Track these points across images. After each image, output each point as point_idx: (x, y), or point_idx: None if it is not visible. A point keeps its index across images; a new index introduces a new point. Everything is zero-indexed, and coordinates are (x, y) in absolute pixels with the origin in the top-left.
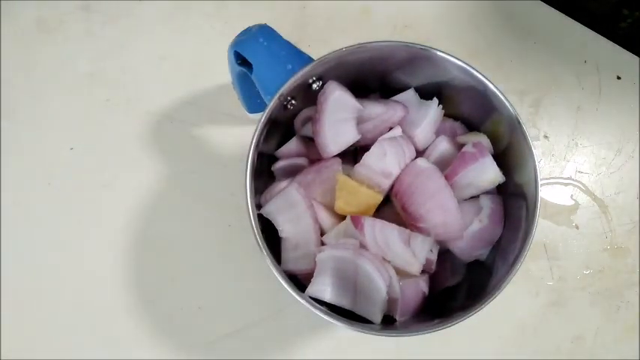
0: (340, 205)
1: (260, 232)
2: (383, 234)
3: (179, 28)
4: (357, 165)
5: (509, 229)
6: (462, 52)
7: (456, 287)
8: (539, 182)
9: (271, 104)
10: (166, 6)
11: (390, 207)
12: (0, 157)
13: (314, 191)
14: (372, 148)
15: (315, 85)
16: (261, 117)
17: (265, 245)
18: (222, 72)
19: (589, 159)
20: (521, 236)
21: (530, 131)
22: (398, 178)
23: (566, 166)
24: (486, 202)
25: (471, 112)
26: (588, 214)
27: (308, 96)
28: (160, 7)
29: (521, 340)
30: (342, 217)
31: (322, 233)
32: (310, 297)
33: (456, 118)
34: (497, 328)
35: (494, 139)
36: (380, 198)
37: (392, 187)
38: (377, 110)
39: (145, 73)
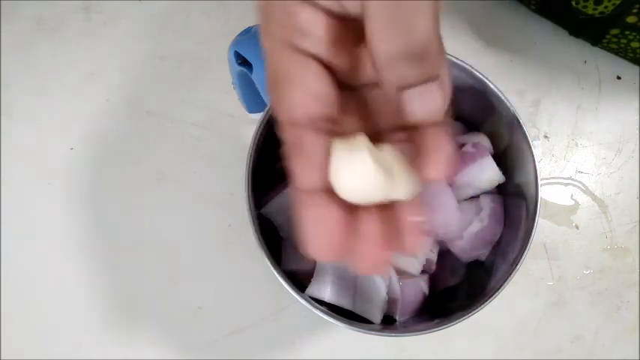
0: None
1: (260, 232)
2: None
3: (179, 28)
4: None
5: (509, 229)
6: (462, 52)
7: (456, 287)
8: (539, 182)
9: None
10: (166, 6)
11: None
12: (0, 156)
13: None
14: None
15: None
16: (261, 117)
17: (265, 245)
18: (222, 72)
19: (589, 159)
20: (521, 236)
21: (530, 131)
22: None
23: (566, 166)
24: (486, 202)
25: (471, 112)
26: (588, 214)
27: None
28: (160, 7)
29: (521, 340)
30: None
31: None
32: (310, 297)
33: (456, 118)
34: (497, 328)
35: (494, 139)
36: None
37: None
38: None
39: (145, 73)
